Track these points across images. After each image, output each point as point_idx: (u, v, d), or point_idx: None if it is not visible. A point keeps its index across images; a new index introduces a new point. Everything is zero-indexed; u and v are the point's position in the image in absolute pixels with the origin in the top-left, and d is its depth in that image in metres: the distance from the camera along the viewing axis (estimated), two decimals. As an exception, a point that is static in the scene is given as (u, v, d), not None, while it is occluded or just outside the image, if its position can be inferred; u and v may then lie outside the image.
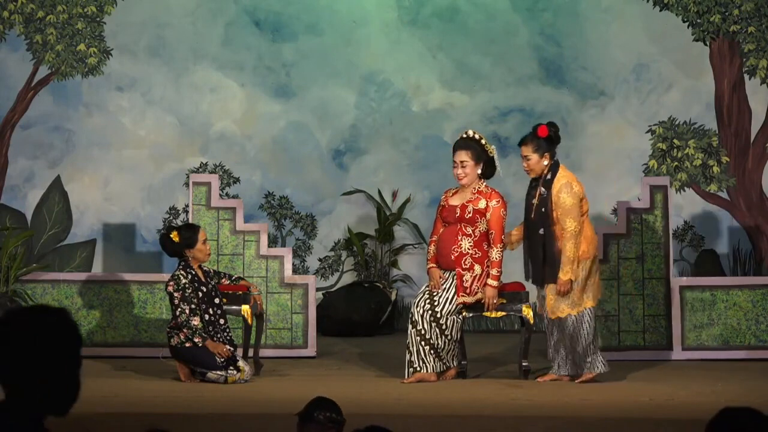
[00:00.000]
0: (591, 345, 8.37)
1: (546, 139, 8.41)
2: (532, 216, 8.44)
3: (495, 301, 8.48)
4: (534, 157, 8.42)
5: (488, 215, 8.47)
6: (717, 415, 3.58)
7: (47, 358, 3.23)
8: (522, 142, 8.52)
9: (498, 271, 8.45)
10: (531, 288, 8.76)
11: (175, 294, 8.51)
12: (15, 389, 3.23)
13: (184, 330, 8.46)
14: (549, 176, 8.40)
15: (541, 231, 8.37)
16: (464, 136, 8.68)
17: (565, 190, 8.33)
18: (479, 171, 8.55)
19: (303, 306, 9.98)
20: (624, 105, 11.87)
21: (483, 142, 8.61)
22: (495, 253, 8.45)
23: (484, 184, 8.59)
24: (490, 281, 8.45)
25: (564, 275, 8.29)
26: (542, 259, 8.37)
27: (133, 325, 9.99)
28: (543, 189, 8.39)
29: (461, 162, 8.53)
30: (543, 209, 8.36)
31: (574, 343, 8.37)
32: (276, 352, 9.78)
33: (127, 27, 11.94)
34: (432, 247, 8.66)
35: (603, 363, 8.39)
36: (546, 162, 8.42)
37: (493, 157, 8.59)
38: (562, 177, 8.40)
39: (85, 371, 9.04)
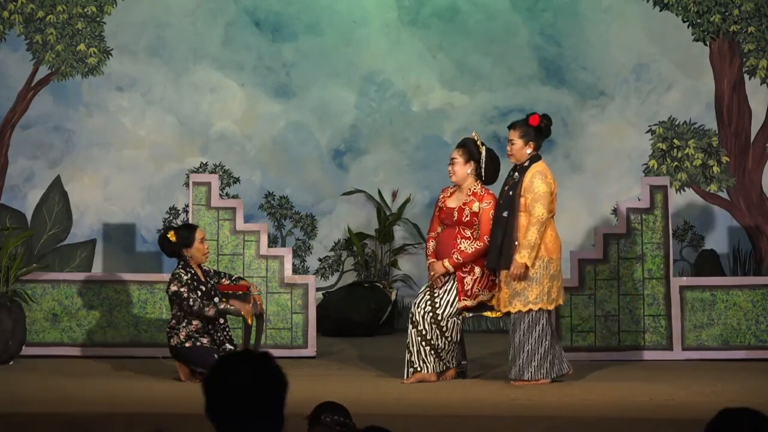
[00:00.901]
0: (541, 349, 8.29)
1: (536, 128, 8.41)
2: (500, 200, 8.44)
3: (434, 276, 8.47)
4: (519, 142, 8.41)
5: (479, 216, 8.50)
6: (716, 416, 3.58)
7: (257, 400, 3.41)
8: (511, 126, 8.52)
9: (459, 259, 8.43)
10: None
11: (182, 289, 8.49)
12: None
13: (208, 309, 8.42)
14: (527, 164, 8.40)
15: (505, 214, 8.32)
16: (467, 136, 8.77)
17: (539, 177, 8.31)
18: (469, 170, 8.57)
19: (303, 306, 9.99)
20: (624, 105, 11.87)
21: (478, 143, 8.64)
22: (470, 247, 8.45)
23: (480, 185, 8.60)
24: (446, 262, 8.44)
25: (520, 258, 8.18)
26: (501, 243, 8.30)
27: (133, 325, 9.99)
28: (516, 174, 8.39)
29: (452, 158, 8.63)
30: (511, 193, 8.34)
31: (523, 343, 8.29)
32: (276, 352, 9.75)
33: (127, 27, 11.94)
34: (431, 244, 8.67)
35: (547, 371, 8.25)
36: (529, 151, 8.41)
37: (482, 157, 8.60)
38: (539, 166, 8.39)
39: (85, 371, 9.00)
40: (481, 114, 11.93)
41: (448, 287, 8.50)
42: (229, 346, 8.53)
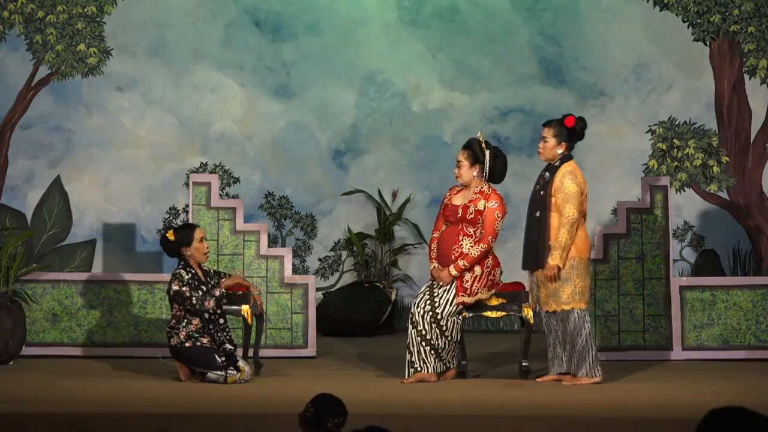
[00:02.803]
0: (592, 346, 8.35)
1: (570, 130, 8.44)
2: (532, 199, 8.48)
3: (441, 283, 8.47)
4: (551, 141, 8.44)
5: (484, 215, 8.49)
6: (705, 417, 3.58)
7: None
8: (546, 124, 8.54)
9: (465, 265, 8.43)
10: (531, 288, 8.75)
11: (183, 288, 8.49)
12: None
13: (207, 302, 8.43)
14: (557, 164, 8.43)
15: (537, 214, 8.37)
16: (474, 136, 8.74)
17: (569, 176, 8.35)
18: (475, 173, 8.56)
19: (303, 306, 9.98)
20: (624, 105, 11.87)
21: (483, 144, 8.62)
22: (474, 249, 8.44)
23: (488, 184, 8.59)
24: (451, 269, 8.42)
25: (552, 260, 8.25)
26: (536, 243, 8.36)
27: (133, 325, 9.99)
28: (547, 173, 8.43)
29: (458, 161, 8.62)
30: (542, 192, 8.38)
31: (574, 341, 8.34)
32: (276, 352, 9.79)
33: (127, 27, 11.94)
34: (434, 245, 8.66)
35: (599, 369, 8.37)
36: (560, 151, 8.45)
37: (486, 160, 8.60)
38: (569, 166, 8.43)
39: (85, 371, 9.02)
40: (481, 114, 11.93)
41: (448, 285, 8.50)
42: (229, 346, 8.53)
